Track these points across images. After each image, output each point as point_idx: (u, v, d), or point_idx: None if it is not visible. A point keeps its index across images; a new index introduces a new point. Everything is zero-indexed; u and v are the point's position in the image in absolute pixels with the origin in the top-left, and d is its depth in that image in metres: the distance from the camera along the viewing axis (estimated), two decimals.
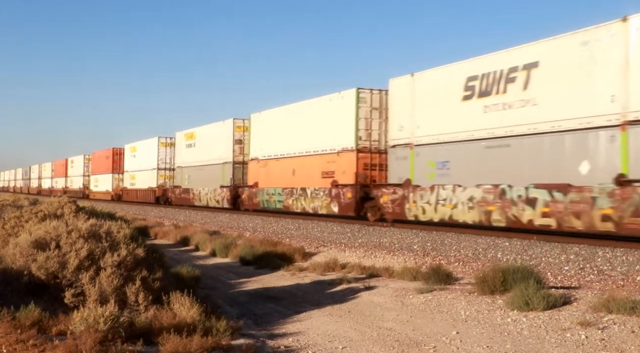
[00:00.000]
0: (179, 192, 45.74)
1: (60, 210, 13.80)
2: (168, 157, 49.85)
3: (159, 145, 50.43)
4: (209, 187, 39.60)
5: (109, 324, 6.68)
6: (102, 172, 67.01)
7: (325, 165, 27.12)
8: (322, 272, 13.78)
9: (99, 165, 68.41)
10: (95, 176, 70.12)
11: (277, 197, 30.84)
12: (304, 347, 7.64)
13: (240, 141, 36.82)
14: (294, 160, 29.85)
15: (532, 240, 16.77)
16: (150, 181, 51.90)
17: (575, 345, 7.26)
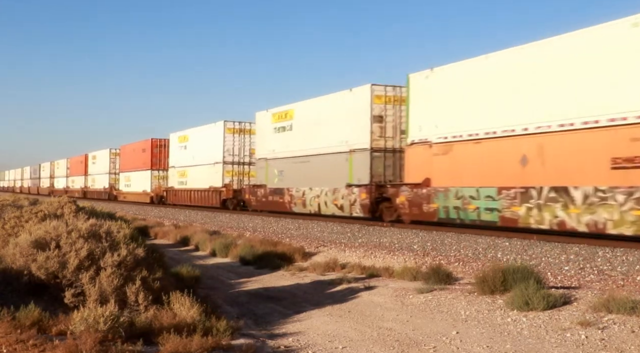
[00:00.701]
0: (264, 193, 33.13)
1: (60, 210, 13.80)
2: (237, 148, 38.96)
3: (225, 132, 39.10)
4: (322, 187, 27.56)
5: (109, 324, 6.68)
6: (135, 169, 55.64)
7: (625, 147, 15.04)
8: (322, 272, 13.78)
9: (131, 161, 57.17)
10: (126, 174, 59.21)
11: (483, 203, 19.15)
12: (304, 347, 7.64)
13: (380, 118, 24.80)
14: (529, 141, 17.72)
15: (532, 240, 16.77)
16: (211, 178, 40.39)
17: (575, 345, 7.26)
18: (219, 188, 39.26)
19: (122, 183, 60.91)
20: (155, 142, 52.56)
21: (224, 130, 39.23)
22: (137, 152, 55.84)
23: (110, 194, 63.68)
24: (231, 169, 39.13)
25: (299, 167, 29.92)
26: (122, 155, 61.76)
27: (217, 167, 39.72)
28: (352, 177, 25.69)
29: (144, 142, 54.09)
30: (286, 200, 30.60)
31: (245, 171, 39.30)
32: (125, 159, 59.92)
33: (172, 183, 48.11)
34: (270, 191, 32.44)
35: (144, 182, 53.61)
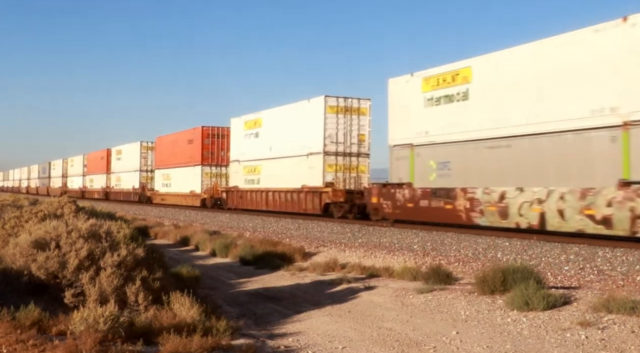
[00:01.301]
0: (409, 196, 22.31)
1: (60, 210, 13.81)
2: (342, 133, 28.47)
3: (325, 111, 28.01)
4: (551, 186, 16.95)
5: (109, 324, 6.68)
6: (178, 165, 46.25)
7: None
8: (322, 272, 13.78)
9: (172, 155, 47.79)
10: (165, 171, 49.55)
11: None
12: (304, 347, 7.64)
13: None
14: None
15: (532, 240, 16.77)
16: (303, 175, 29.40)
17: (575, 345, 7.26)
18: (319, 189, 28.16)
19: (159, 182, 50.97)
20: (206, 131, 42.07)
21: (325, 108, 27.56)
22: (180, 145, 45.76)
23: (142, 195, 54.28)
24: (334, 162, 27.87)
25: (486, 156, 19.31)
26: (159, 149, 51.53)
27: (314, 159, 28.71)
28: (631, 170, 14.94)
29: (191, 131, 44.01)
30: (460, 206, 20.07)
31: (352, 165, 28.59)
32: (164, 153, 49.76)
33: (236, 182, 37.35)
34: (424, 193, 21.63)
35: (191, 180, 43.24)
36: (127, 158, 59.15)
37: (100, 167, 68.10)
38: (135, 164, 56.66)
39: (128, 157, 58.95)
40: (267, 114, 34.41)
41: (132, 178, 57.29)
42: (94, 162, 71.46)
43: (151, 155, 54.88)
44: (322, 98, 28.39)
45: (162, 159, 51.06)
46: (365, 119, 28.91)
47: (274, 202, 32.55)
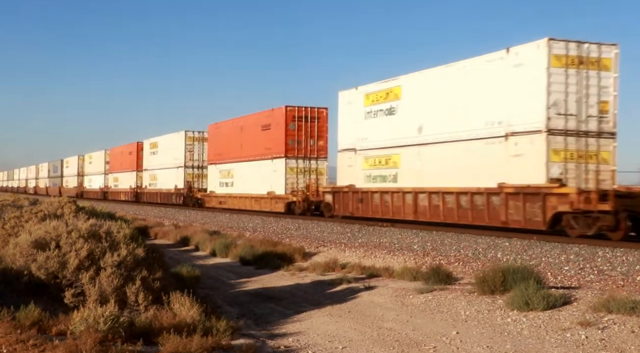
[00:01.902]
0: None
1: (60, 210, 13.81)
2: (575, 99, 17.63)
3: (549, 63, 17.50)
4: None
5: (109, 324, 6.68)
6: (246, 158, 35.79)
7: None
8: (322, 272, 13.79)
9: (234, 146, 37.25)
10: (223, 166, 39.05)
11: None
12: (304, 347, 7.64)
13: None
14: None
15: (532, 240, 16.76)
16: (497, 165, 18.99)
17: (575, 345, 7.26)
18: (541, 189, 17.62)
19: (214, 180, 40.72)
20: (291, 113, 31.82)
21: (548, 59, 17.58)
22: (250, 132, 35.60)
23: (188, 197, 44.10)
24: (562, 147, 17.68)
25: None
26: (215, 139, 41.26)
27: (524, 142, 18.28)
28: None
29: (268, 113, 33.86)
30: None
31: (590, 151, 17.85)
32: (222, 144, 39.48)
33: (350, 180, 26.05)
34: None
35: (268, 178, 32.93)
36: (167, 152, 47.93)
37: (128, 164, 57.56)
38: (177, 158, 45.63)
39: (167, 151, 47.70)
40: (411, 79, 23.39)
41: (174, 176, 46.11)
42: (119, 158, 60.78)
43: (199, 148, 44.71)
44: (543, 42, 17.69)
45: (219, 152, 39.80)
46: (608, 76, 17.99)
47: (434, 209, 21.34)
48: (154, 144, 52.17)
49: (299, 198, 30.56)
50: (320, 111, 32.54)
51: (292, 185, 31.82)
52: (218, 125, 41.43)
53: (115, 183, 62.51)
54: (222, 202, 38.88)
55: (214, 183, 40.83)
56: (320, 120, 32.62)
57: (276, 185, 32.56)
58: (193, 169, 45.09)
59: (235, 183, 37.67)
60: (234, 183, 37.77)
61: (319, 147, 32.54)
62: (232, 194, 37.63)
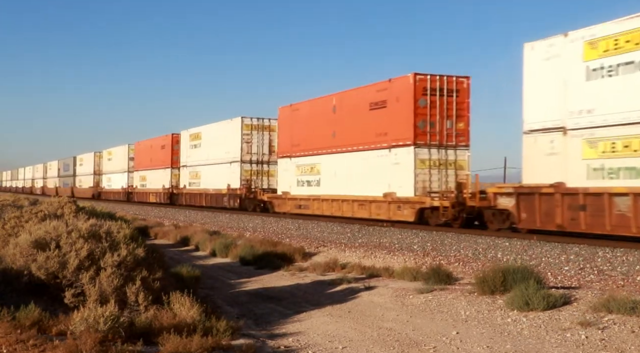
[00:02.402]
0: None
1: (60, 210, 13.82)
2: None
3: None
4: None
5: (109, 324, 6.68)
6: (344, 148, 26.96)
7: None
8: (322, 272, 13.79)
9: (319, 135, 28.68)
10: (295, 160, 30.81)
11: None
12: (304, 347, 7.64)
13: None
14: None
15: (532, 240, 16.77)
16: None
17: (575, 345, 7.26)
18: None
19: (289, 179, 31.20)
20: (422, 83, 23.11)
21: None
22: (350, 113, 26.54)
23: (251, 200, 35.32)
24: None
25: None
26: (288, 127, 31.73)
27: None
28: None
29: (384, 85, 24.62)
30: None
31: None
32: (299, 132, 30.50)
33: (561, 175, 17.21)
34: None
35: (381, 175, 24.26)
36: (215, 144, 39.92)
37: (160, 160, 49.43)
38: (230, 151, 37.51)
39: (216, 143, 39.65)
40: None
41: (226, 174, 37.83)
42: (148, 153, 52.31)
43: (259, 138, 36.56)
44: None
45: (296, 141, 30.82)
46: None
47: None
48: (195, 134, 43.24)
49: (446, 202, 21.34)
50: (460, 81, 23.67)
51: (423, 184, 22.77)
52: (295, 107, 31.45)
53: (143, 183, 53.80)
54: (303, 206, 29.60)
55: (289, 182, 31.27)
56: (460, 93, 23.59)
57: (399, 184, 23.29)
58: (251, 164, 36.56)
59: (323, 182, 28.47)
60: (321, 181, 28.64)
61: (458, 131, 23.43)
62: (319, 196, 28.36)
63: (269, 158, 36.80)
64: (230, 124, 38.19)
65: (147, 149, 53.57)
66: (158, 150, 50.62)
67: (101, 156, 67.67)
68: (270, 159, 36.71)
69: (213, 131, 40.85)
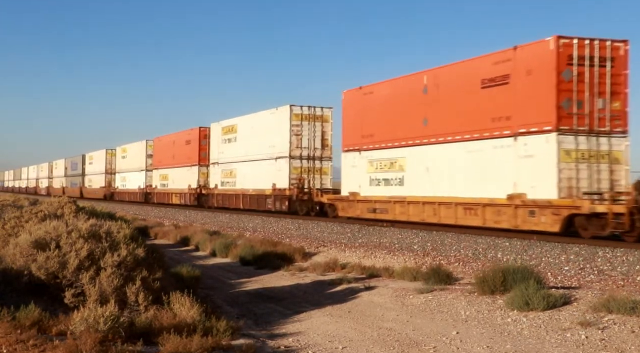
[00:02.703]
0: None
1: (60, 210, 13.82)
2: None
3: None
4: None
5: (109, 324, 6.68)
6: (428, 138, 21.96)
7: None
8: (322, 272, 13.79)
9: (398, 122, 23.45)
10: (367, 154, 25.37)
11: None
12: (304, 347, 7.64)
13: None
14: None
15: (532, 240, 16.76)
16: None
17: (575, 345, 7.26)
18: None
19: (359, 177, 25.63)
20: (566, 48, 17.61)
21: None
22: (448, 94, 21.39)
23: (305, 202, 30.00)
24: None
25: None
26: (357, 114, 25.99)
27: None
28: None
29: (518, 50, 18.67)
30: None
31: None
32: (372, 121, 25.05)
33: None
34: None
35: (505, 172, 18.84)
36: (254, 137, 34.65)
37: (185, 157, 44.13)
38: (276, 145, 32.12)
39: (256, 136, 34.37)
40: None
41: (269, 171, 32.55)
42: (170, 150, 46.95)
43: (311, 130, 31.19)
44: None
45: (369, 131, 25.12)
46: None
47: None
48: (230, 127, 38.11)
49: (620, 207, 15.92)
50: (616, 47, 18.00)
51: (569, 183, 17.26)
52: (367, 90, 25.58)
53: (164, 182, 48.48)
54: (379, 210, 24.06)
55: (358, 181, 25.62)
56: (616, 63, 17.99)
57: (531, 183, 17.95)
58: (301, 160, 31.12)
59: (408, 181, 22.73)
60: (406, 180, 22.86)
61: (613, 113, 17.82)
62: (403, 198, 22.64)
63: (321, 153, 31.60)
64: (275, 114, 32.65)
65: (168, 145, 47.95)
66: (182, 146, 44.95)
67: (114, 154, 62.41)
68: (323, 154, 31.66)
69: (252, 123, 35.40)
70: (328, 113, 31.70)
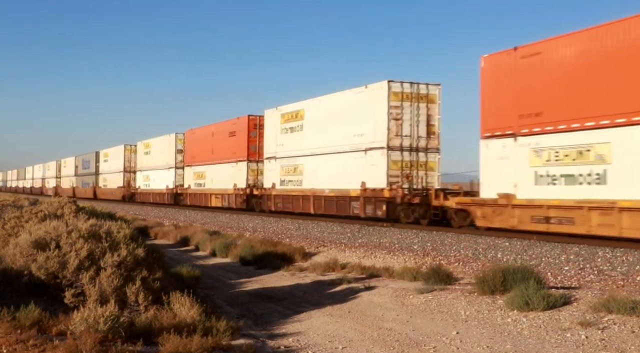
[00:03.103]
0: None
1: (60, 210, 13.82)
2: None
3: None
4: None
5: (109, 324, 6.68)
6: None
7: None
8: (322, 272, 13.79)
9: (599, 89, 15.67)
10: (557, 138, 16.94)
11: None
12: (304, 347, 7.64)
13: None
14: None
15: (532, 240, 16.76)
16: None
17: (575, 345, 7.26)
18: None
19: (508, 172, 18.55)
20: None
21: None
22: None
23: (418, 205, 23.15)
24: None
25: None
26: (514, 83, 18.46)
27: None
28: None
29: None
30: None
31: None
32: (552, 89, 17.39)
33: None
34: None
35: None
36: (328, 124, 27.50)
37: (228, 151, 36.82)
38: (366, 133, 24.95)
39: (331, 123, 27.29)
40: None
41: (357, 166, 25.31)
42: (207, 144, 40.02)
43: (414, 112, 24.17)
44: None
45: (532, 110, 18.01)
46: None
47: None
48: (293, 114, 30.78)
49: None
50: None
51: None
52: (531, 50, 18.33)
53: (199, 182, 41.40)
54: (556, 220, 16.97)
55: (514, 179, 18.48)
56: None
57: None
58: (402, 152, 24.00)
59: (616, 177, 15.68)
60: (610, 175, 15.80)
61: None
62: (605, 203, 15.67)
63: (426, 143, 24.34)
64: (364, 94, 25.23)
65: (205, 138, 40.65)
66: (224, 139, 37.55)
67: (134, 150, 55.53)
68: (428, 144, 24.37)
69: (328, 106, 27.99)
70: (435, 91, 24.55)
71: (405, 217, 23.27)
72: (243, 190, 35.04)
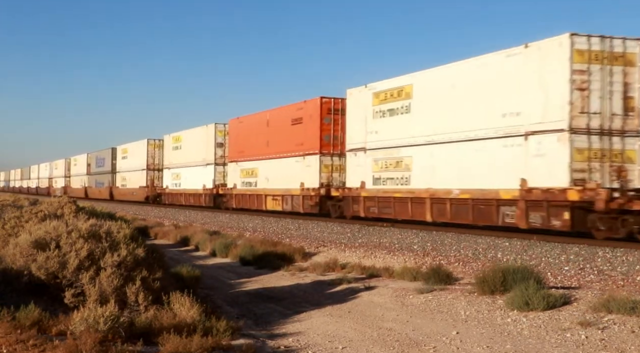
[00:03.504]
0: None
1: (60, 210, 13.83)
2: None
3: None
4: None
5: (109, 324, 6.68)
6: None
7: None
8: (322, 272, 13.79)
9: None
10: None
11: None
12: (304, 347, 7.65)
13: None
14: None
15: (532, 240, 16.76)
16: None
17: (575, 345, 7.26)
18: None
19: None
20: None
21: None
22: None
23: None
24: None
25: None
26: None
27: None
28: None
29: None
30: None
31: None
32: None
33: None
34: None
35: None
36: (450, 101, 20.21)
37: (290, 143, 29.82)
38: (523, 112, 17.32)
39: (456, 98, 19.97)
40: None
41: (506, 159, 17.89)
42: (260, 135, 33.00)
43: (604, 82, 16.22)
44: None
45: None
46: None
47: None
48: (392, 92, 23.24)
49: None
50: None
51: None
52: None
53: (249, 180, 34.22)
54: None
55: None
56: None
57: None
58: (590, 136, 16.31)
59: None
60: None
61: None
62: None
63: (622, 123, 16.61)
64: (524, 55, 17.64)
65: (257, 128, 33.49)
66: (285, 128, 30.56)
67: (160, 144, 48.50)
68: (624, 124, 16.62)
69: (454, 78, 20.37)
70: (635, 49, 16.72)
71: (609, 230, 15.89)
72: (315, 191, 27.63)
